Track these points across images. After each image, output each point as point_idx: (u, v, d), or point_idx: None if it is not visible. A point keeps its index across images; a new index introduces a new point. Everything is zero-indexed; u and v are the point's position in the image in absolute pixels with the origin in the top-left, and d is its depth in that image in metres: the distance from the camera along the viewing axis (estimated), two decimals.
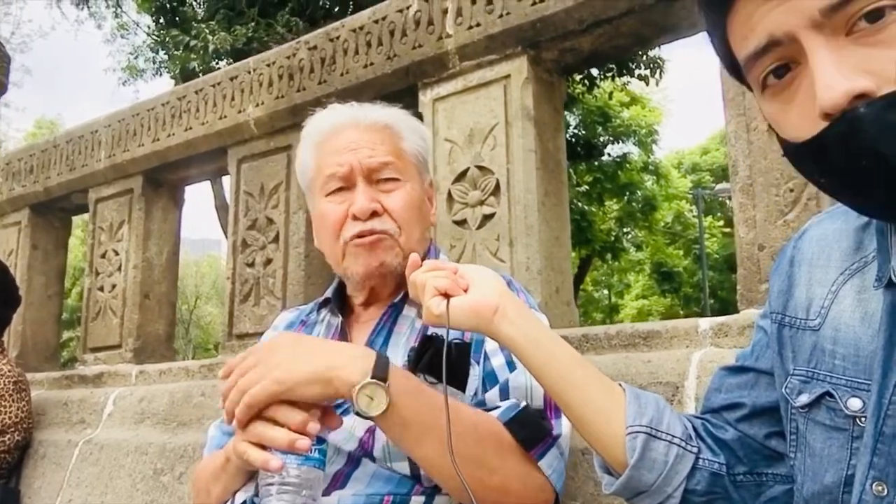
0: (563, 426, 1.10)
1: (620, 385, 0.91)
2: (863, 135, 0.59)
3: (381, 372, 0.95)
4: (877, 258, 0.74)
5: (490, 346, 1.15)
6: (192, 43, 8.66)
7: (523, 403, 1.08)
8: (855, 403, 0.72)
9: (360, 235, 1.22)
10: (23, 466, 2.49)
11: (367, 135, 1.26)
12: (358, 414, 0.95)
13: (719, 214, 24.40)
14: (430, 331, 1.16)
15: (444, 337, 0.95)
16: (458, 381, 1.12)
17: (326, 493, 1.06)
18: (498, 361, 1.14)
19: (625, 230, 19.35)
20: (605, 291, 27.50)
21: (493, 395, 1.12)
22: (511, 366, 1.13)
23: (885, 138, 0.58)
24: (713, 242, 22.96)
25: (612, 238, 17.06)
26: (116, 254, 2.91)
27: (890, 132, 0.58)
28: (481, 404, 1.11)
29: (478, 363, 1.14)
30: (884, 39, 0.59)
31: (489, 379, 1.13)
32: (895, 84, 0.58)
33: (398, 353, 1.17)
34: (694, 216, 23.37)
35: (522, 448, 1.04)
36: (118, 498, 2.17)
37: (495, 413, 1.07)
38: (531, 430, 1.06)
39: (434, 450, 0.96)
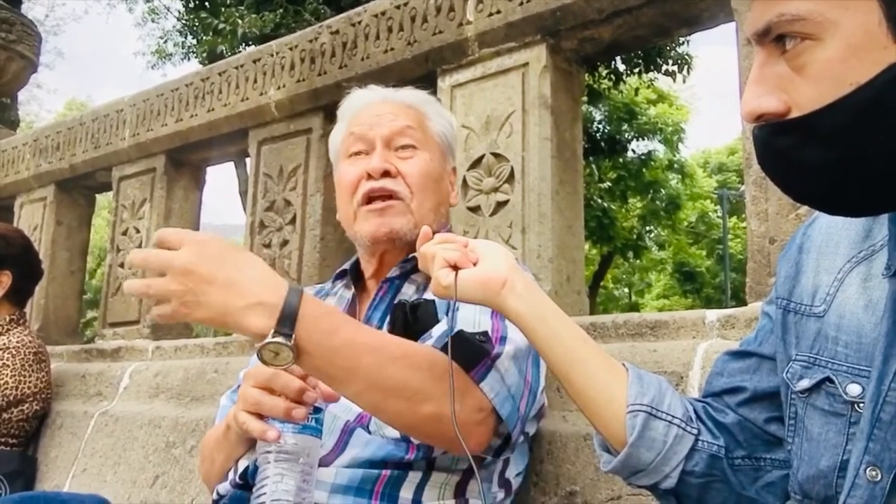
0: (504, 347, 1.06)
1: (624, 365, 0.92)
2: (757, 149, 0.70)
3: (286, 325, 0.87)
4: (887, 247, 0.74)
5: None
6: (221, 26, 8.73)
7: (458, 328, 1.05)
8: (854, 389, 0.73)
9: (372, 193, 1.26)
10: (40, 436, 2.54)
11: (393, 106, 1.35)
12: (264, 362, 0.90)
13: (744, 215, 24.09)
14: (397, 299, 1.21)
15: (412, 301, 0.97)
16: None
17: (326, 463, 1.08)
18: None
19: (647, 228, 19.23)
20: (626, 290, 27.33)
21: (438, 327, 1.13)
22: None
23: (766, 159, 0.69)
24: (737, 243, 22.70)
25: (635, 236, 16.95)
26: (137, 231, 2.95)
27: (770, 154, 0.68)
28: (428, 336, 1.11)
29: (446, 314, 1.14)
30: (798, 66, 0.64)
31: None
32: (804, 110, 0.64)
33: None
34: (718, 216, 23.14)
35: (461, 369, 1.00)
36: (130, 469, 2.22)
37: (429, 341, 1.08)
38: (468, 351, 1.02)
39: (361, 390, 0.95)
